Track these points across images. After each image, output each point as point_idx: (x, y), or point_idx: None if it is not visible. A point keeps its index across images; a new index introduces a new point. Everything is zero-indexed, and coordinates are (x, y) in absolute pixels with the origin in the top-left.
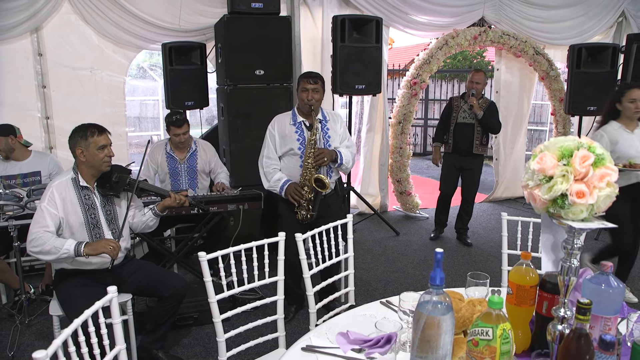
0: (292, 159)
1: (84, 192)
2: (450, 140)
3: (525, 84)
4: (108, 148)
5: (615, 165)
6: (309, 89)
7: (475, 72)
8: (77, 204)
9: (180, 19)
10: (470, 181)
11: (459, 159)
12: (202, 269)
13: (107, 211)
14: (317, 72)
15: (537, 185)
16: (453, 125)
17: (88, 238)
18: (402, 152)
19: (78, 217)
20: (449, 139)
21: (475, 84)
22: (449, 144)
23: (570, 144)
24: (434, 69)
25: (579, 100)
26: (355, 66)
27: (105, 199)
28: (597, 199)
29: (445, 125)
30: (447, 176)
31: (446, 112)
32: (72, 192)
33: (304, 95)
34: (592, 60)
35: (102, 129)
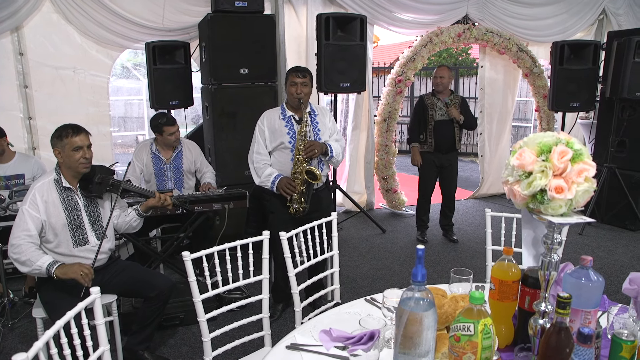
0: (282, 153)
1: (66, 193)
2: (430, 139)
3: (510, 81)
4: (84, 149)
5: None
6: (297, 82)
7: (439, 67)
8: (59, 205)
9: (164, 18)
10: (451, 177)
11: (440, 157)
12: (186, 268)
13: (91, 212)
14: (305, 67)
15: (516, 181)
16: (432, 124)
17: (71, 239)
18: (387, 149)
19: (60, 219)
20: (427, 138)
21: (440, 79)
22: (428, 143)
23: (548, 139)
24: (419, 66)
25: (562, 96)
26: (339, 64)
27: (89, 199)
28: (575, 194)
29: (421, 124)
30: (427, 176)
31: (420, 111)
32: (55, 193)
33: (292, 89)
34: (574, 57)
35: (79, 130)
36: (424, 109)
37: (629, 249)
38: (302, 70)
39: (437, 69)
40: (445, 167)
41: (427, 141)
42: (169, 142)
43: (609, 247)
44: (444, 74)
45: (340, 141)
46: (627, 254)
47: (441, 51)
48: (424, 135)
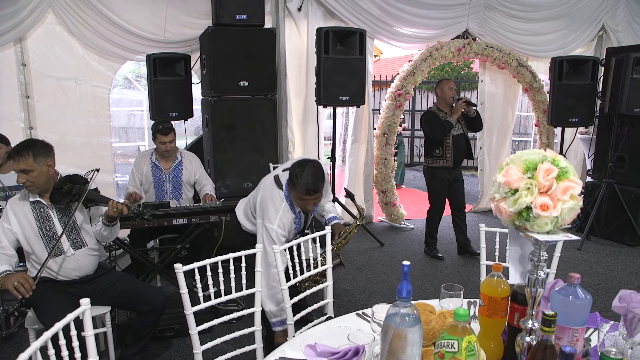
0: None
1: (38, 205)
2: (449, 154)
3: (510, 95)
4: (20, 175)
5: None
6: (307, 199)
7: (447, 79)
8: (31, 217)
9: (165, 30)
10: (461, 190)
11: (452, 172)
12: (178, 280)
13: (66, 222)
14: (319, 180)
15: (503, 198)
16: (450, 139)
17: (46, 250)
18: (386, 163)
19: (33, 230)
20: (444, 153)
21: (454, 91)
22: (445, 158)
23: (534, 157)
24: (418, 80)
25: (561, 111)
26: (339, 78)
27: (62, 210)
28: (561, 212)
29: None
30: (441, 191)
31: (439, 125)
32: (26, 205)
33: (301, 204)
34: (573, 72)
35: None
36: (439, 120)
37: (627, 264)
38: (314, 189)
39: (448, 82)
40: (457, 181)
41: (444, 156)
42: (160, 150)
43: (608, 262)
44: (454, 85)
45: (329, 198)
46: (625, 270)
47: (443, 65)
48: (441, 150)
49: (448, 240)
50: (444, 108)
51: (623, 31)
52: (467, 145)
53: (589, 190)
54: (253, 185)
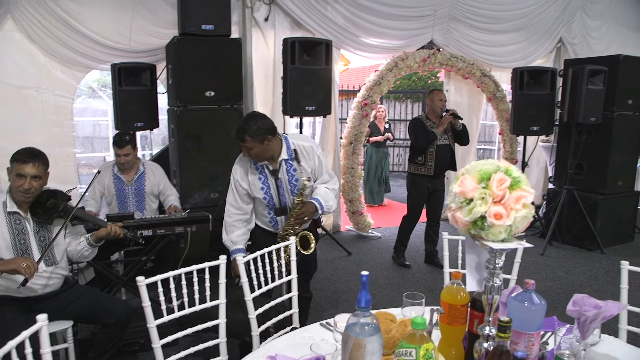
0: (260, 206)
1: (14, 217)
2: (430, 162)
3: (474, 105)
4: (28, 180)
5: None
6: (243, 147)
7: (438, 90)
8: (4, 228)
9: (131, 40)
10: (440, 201)
11: (433, 181)
12: (140, 293)
13: (41, 237)
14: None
15: (458, 208)
16: (433, 147)
17: None
18: (353, 172)
19: (5, 241)
20: (426, 161)
21: (444, 102)
22: (427, 167)
23: (488, 167)
24: (384, 90)
25: (523, 120)
26: (305, 88)
27: (39, 224)
28: (514, 220)
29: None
30: (419, 200)
31: (424, 134)
32: (1, 215)
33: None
34: (533, 82)
35: (31, 158)
36: (425, 129)
37: (587, 268)
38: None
39: (439, 93)
40: (437, 191)
41: (425, 164)
42: (117, 163)
43: (569, 266)
44: (445, 97)
45: (331, 182)
46: (585, 274)
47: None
48: (423, 158)
49: (415, 248)
50: (433, 118)
51: (579, 44)
52: (451, 157)
53: (551, 197)
54: (220, 196)
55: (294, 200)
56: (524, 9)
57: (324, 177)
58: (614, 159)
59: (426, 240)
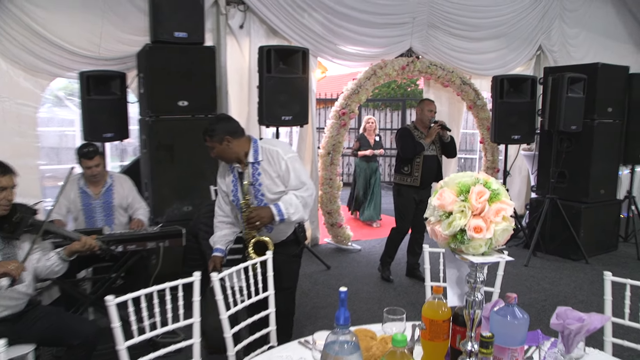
0: (234, 207)
1: None
2: (417, 172)
3: (454, 113)
4: (8, 191)
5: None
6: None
7: (429, 101)
8: None
9: (101, 47)
10: (424, 213)
11: (419, 192)
12: (109, 313)
13: (6, 254)
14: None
15: (437, 221)
16: (420, 158)
17: None
18: (332, 183)
19: None
20: (413, 171)
21: (433, 113)
22: (413, 177)
23: (467, 180)
24: (363, 98)
25: (504, 128)
26: (281, 97)
27: (5, 240)
28: (494, 233)
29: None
30: (406, 210)
31: (411, 144)
32: None
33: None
34: (514, 90)
35: (5, 170)
36: (414, 141)
37: (571, 279)
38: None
39: (428, 103)
40: (422, 202)
41: (412, 174)
42: (86, 175)
43: (553, 277)
44: (435, 108)
45: (302, 189)
46: (570, 285)
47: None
48: (409, 168)
49: (397, 261)
50: (421, 128)
51: (559, 51)
52: (438, 168)
53: (534, 206)
54: (194, 209)
55: (240, 203)
56: (503, 16)
57: (293, 183)
58: (596, 167)
59: (409, 252)
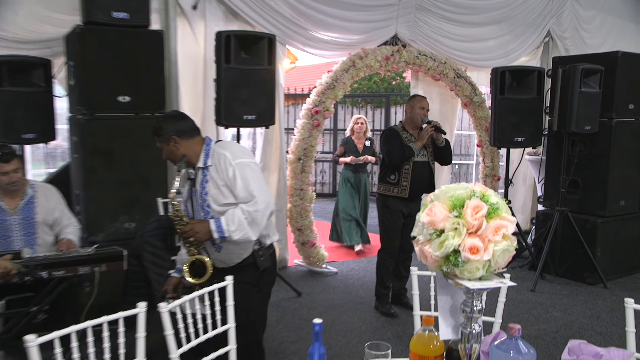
0: None
1: None
2: (405, 182)
3: (447, 111)
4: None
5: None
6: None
7: (421, 97)
8: None
9: (18, 26)
10: (411, 231)
11: (409, 205)
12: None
13: None
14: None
15: (427, 241)
16: (409, 164)
17: None
18: (303, 194)
19: None
20: (400, 180)
21: (426, 111)
22: (401, 187)
23: (461, 192)
24: (339, 94)
25: (505, 130)
26: (243, 92)
27: None
28: (493, 254)
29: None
30: (393, 225)
31: (399, 148)
32: None
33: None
34: (517, 85)
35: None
36: (401, 144)
37: (587, 306)
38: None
39: (420, 100)
40: (411, 216)
41: (399, 184)
42: (2, 184)
43: (566, 305)
44: (428, 105)
45: (250, 202)
46: (585, 313)
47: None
48: (397, 176)
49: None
50: (411, 129)
51: (570, 38)
52: (430, 177)
53: (541, 221)
54: (138, 226)
55: (170, 213)
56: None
57: (240, 195)
58: (614, 174)
59: (394, 275)
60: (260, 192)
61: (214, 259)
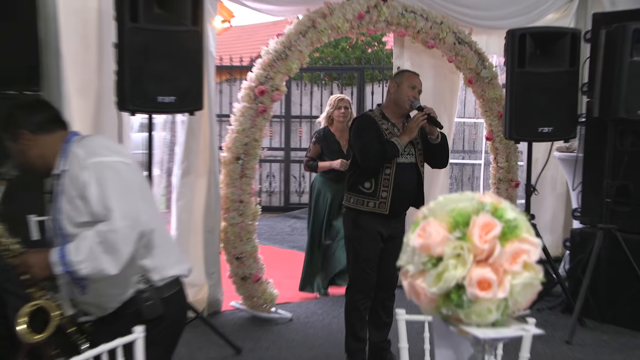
0: None
1: None
2: (386, 192)
3: (443, 91)
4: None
5: None
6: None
7: (412, 73)
8: None
9: None
10: (395, 256)
11: (388, 223)
12: None
13: None
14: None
15: (419, 273)
16: (392, 168)
17: None
18: (243, 208)
19: None
20: (379, 189)
21: (417, 92)
22: (380, 200)
23: (466, 205)
24: (294, 67)
25: (526, 116)
26: (158, 64)
27: None
28: (511, 290)
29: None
30: (368, 252)
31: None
32: None
33: None
34: (542, 53)
35: None
36: (379, 137)
37: None
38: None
39: (411, 76)
40: (392, 239)
41: (377, 195)
42: None
43: None
44: (419, 83)
45: (105, 223)
46: None
47: (338, 40)
48: (372, 184)
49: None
50: (393, 117)
51: None
52: (418, 184)
53: (577, 243)
54: None
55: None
56: None
57: (94, 208)
58: None
59: (371, 323)
60: (122, 202)
61: (82, 304)
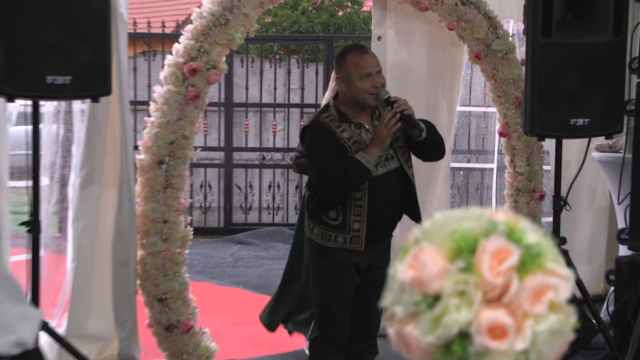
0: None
1: None
2: (358, 220)
3: (442, 71)
4: None
5: None
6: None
7: (360, 51)
8: None
9: None
10: (376, 294)
11: (366, 256)
12: None
13: None
14: None
15: (411, 316)
16: (364, 190)
17: None
18: (168, 231)
19: None
20: (348, 217)
21: (373, 80)
22: (350, 232)
23: (472, 225)
24: (238, 37)
25: (553, 104)
26: (46, 31)
27: None
28: (533, 340)
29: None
30: (341, 293)
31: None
32: None
33: None
34: (575, 18)
35: None
36: (342, 150)
37: None
38: None
39: (364, 56)
40: (371, 271)
41: (348, 228)
42: None
43: None
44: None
45: None
46: None
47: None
48: (340, 214)
49: None
50: (355, 114)
51: None
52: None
53: (625, 276)
54: None
55: None
56: None
57: None
58: None
59: None
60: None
61: None
